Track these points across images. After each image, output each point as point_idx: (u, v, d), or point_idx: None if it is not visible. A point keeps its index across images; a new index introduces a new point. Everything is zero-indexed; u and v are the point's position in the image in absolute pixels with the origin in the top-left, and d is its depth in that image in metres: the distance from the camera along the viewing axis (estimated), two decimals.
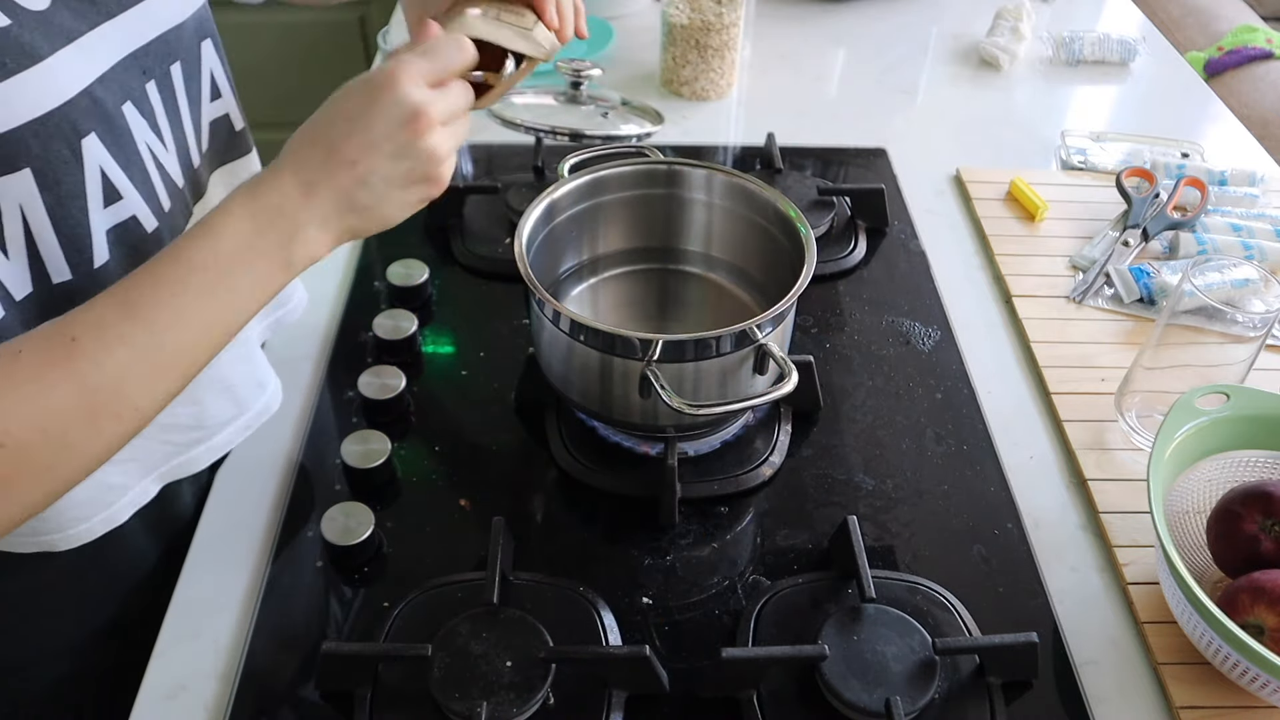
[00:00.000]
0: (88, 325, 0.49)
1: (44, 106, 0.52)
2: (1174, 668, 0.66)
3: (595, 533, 0.74)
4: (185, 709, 0.63)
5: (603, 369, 0.70)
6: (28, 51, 0.51)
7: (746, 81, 1.28)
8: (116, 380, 0.49)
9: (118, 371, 0.49)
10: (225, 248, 0.52)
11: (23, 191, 0.52)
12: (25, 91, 0.51)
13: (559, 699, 0.62)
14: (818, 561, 0.72)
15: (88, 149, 0.55)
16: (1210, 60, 1.98)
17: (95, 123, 0.55)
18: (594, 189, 0.81)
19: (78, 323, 0.49)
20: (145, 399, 0.51)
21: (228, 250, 0.52)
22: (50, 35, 0.52)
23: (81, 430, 0.49)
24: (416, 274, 0.91)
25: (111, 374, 0.49)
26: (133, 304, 0.50)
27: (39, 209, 0.54)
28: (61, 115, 0.53)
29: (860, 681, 0.62)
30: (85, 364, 0.48)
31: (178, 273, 0.52)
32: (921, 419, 0.83)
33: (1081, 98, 1.29)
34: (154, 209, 0.61)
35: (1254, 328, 0.73)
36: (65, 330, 0.49)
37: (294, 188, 0.54)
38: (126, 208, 0.59)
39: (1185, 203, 1.04)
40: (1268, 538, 0.66)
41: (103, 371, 0.49)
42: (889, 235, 1.02)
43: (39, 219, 0.54)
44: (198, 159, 0.66)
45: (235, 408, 0.73)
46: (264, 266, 0.54)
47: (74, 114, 0.53)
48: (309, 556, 0.71)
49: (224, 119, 0.69)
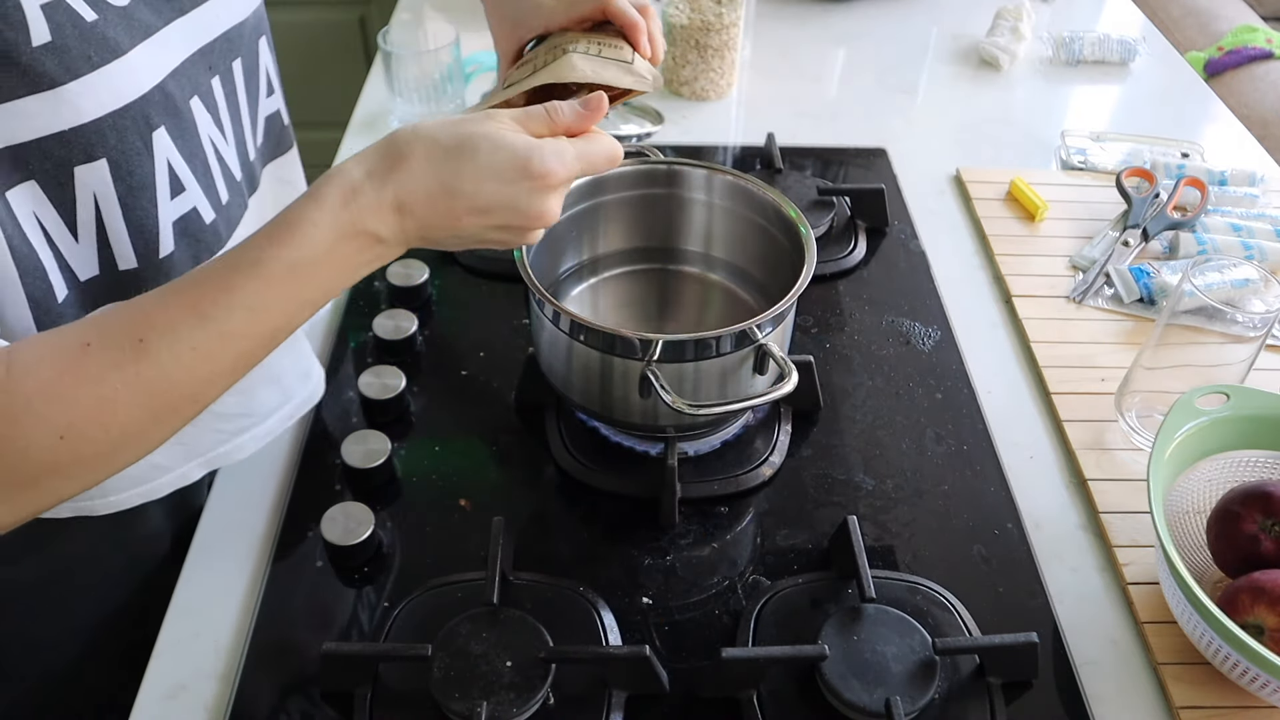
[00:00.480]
0: (158, 328, 0.49)
1: (123, 99, 0.53)
2: (1174, 668, 0.66)
3: (595, 533, 0.74)
4: (185, 709, 0.63)
5: (603, 369, 0.70)
6: (110, 46, 0.52)
7: (746, 81, 1.28)
8: (182, 383, 0.50)
9: (183, 375, 0.50)
10: (304, 260, 0.51)
11: (98, 181, 0.54)
12: (108, 84, 0.52)
13: (559, 699, 0.62)
14: (818, 561, 0.72)
15: (158, 141, 0.56)
16: (1210, 60, 1.98)
17: (166, 116, 0.56)
18: (594, 189, 0.81)
19: (149, 323, 0.49)
20: (206, 395, 0.52)
21: (306, 261, 0.51)
22: (131, 30, 0.54)
23: (142, 425, 0.50)
24: (416, 274, 0.91)
25: (179, 379, 0.50)
26: (205, 313, 0.49)
27: (112, 199, 0.55)
28: (137, 109, 0.54)
29: (860, 681, 0.62)
30: (154, 370, 0.49)
31: (254, 285, 0.50)
32: (921, 419, 0.83)
33: (1081, 98, 1.29)
34: (212, 201, 0.62)
35: (1254, 328, 0.73)
36: (134, 330, 0.49)
37: (391, 210, 0.52)
38: (189, 200, 0.60)
39: (1185, 203, 1.04)
40: (1268, 538, 0.66)
41: (170, 378, 0.49)
42: (889, 235, 1.02)
43: (111, 208, 0.55)
44: (253, 153, 0.68)
45: (282, 397, 0.74)
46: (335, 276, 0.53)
47: (148, 107, 0.55)
48: (309, 556, 0.71)
49: (276, 115, 0.71)
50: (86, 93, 0.51)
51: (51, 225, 0.54)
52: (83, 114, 0.51)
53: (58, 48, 0.50)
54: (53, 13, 0.49)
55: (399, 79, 1.10)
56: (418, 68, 1.09)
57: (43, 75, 0.49)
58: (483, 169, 0.53)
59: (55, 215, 0.54)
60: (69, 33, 0.50)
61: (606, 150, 0.58)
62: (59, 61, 0.50)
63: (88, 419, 0.48)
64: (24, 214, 0.52)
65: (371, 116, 1.20)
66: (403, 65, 1.09)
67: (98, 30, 0.52)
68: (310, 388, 0.77)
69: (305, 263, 0.51)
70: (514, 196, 0.54)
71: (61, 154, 0.52)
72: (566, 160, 0.55)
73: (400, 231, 0.53)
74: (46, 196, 0.53)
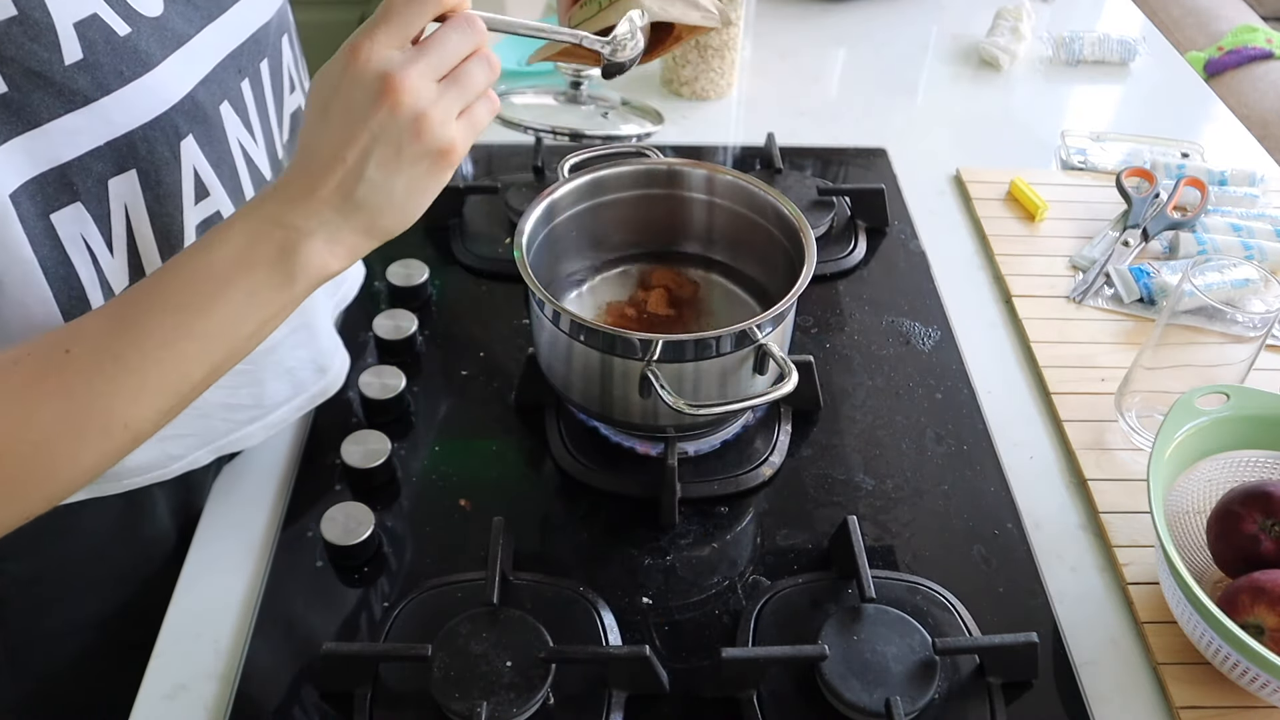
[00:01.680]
0: (83, 338, 0.48)
1: (154, 111, 0.53)
2: (1174, 668, 0.66)
3: (595, 533, 0.74)
4: (185, 709, 0.63)
5: (603, 369, 0.70)
6: (142, 59, 0.52)
7: (746, 81, 1.28)
8: (106, 396, 0.48)
9: (108, 388, 0.48)
10: (220, 260, 0.50)
11: (129, 191, 0.54)
12: (139, 97, 0.52)
13: (559, 699, 0.62)
14: (818, 561, 0.72)
15: (185, 150, 0.56)
16: (1210, 60, 1.98)
17: (194, 125, 0.56)
18: (594, 189, 0.81)
19: (75, 335, 0.49)
20: (136, 417, 0.50)
21: (222, 263, 0.49)
22: (163, 41, 0.54)
23: (69, 444, 0.48)
24: (416, 274, 0.91)
25: (101, 390, 0.48)
26: (127, 319, 0.49)
27: (141, 208, 0.55)
28: (167, 119, 0.54)
29: (860, 681, 0.62)
30: (76, 378, 0.47)
31: (173, 287, 0.50)
32: (921, 419, 0.83)
33: (1081, 98, 1.29)
34: (237, 204, 0.62)
35: (1254, 328, 0.73)
36: (62, 342, 0.48)
37: (292, 198, 0.50)
38: (213, 204, 0.60)
39: (1185, 203, 1.04)
40: (1268, 538, 0.66)
41: (92, 387, 0.48)
42: (889, 235, 1.02)
43: (140, 218, 0.55)
44: (281, 150, 0.68)
45: (292, 389, 0.74)
46: (262, 280, 0.50)
47: (177, 117, 0.55)
48: (309, 556, 0.71)
49: (299, 111, 0.71)
50: (118, 106, 0.51)
51: (96, 244, 0.54)
52: (116, 127, 0.52)
53: (90, 64, 0.50)
54: (85, 29, 0.50)
55: None
56: None
57: (77, 93, 0.49)
58: (314, 101, 0.50)
59: (98, 233, 0.54)
60: (101, 49, 0.50)
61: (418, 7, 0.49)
62: (91, 78, 0.50)
63: (11, 435, 0.47)
64: (70, 235, 0.52)
65: None
66: None
67: (130, 43, 0.52)
68: (325, 382, 0.77)
69: (220, 265, 0.49)
70: (347, 94, 0.48)
71: (99, 169, 0.52)
72: (365, 26, 0.49)
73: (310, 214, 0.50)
74: (90, 215, 0.53)
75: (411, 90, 0.48)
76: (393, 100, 0.48)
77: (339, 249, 0.51)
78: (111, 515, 0.69)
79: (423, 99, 0.49)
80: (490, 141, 1.13)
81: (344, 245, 0.51)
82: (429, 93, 0.49)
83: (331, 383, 0.78)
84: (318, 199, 0.50)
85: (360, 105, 0.48)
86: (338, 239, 0.51)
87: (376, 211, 0.51)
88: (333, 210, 0.50)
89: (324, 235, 0.50)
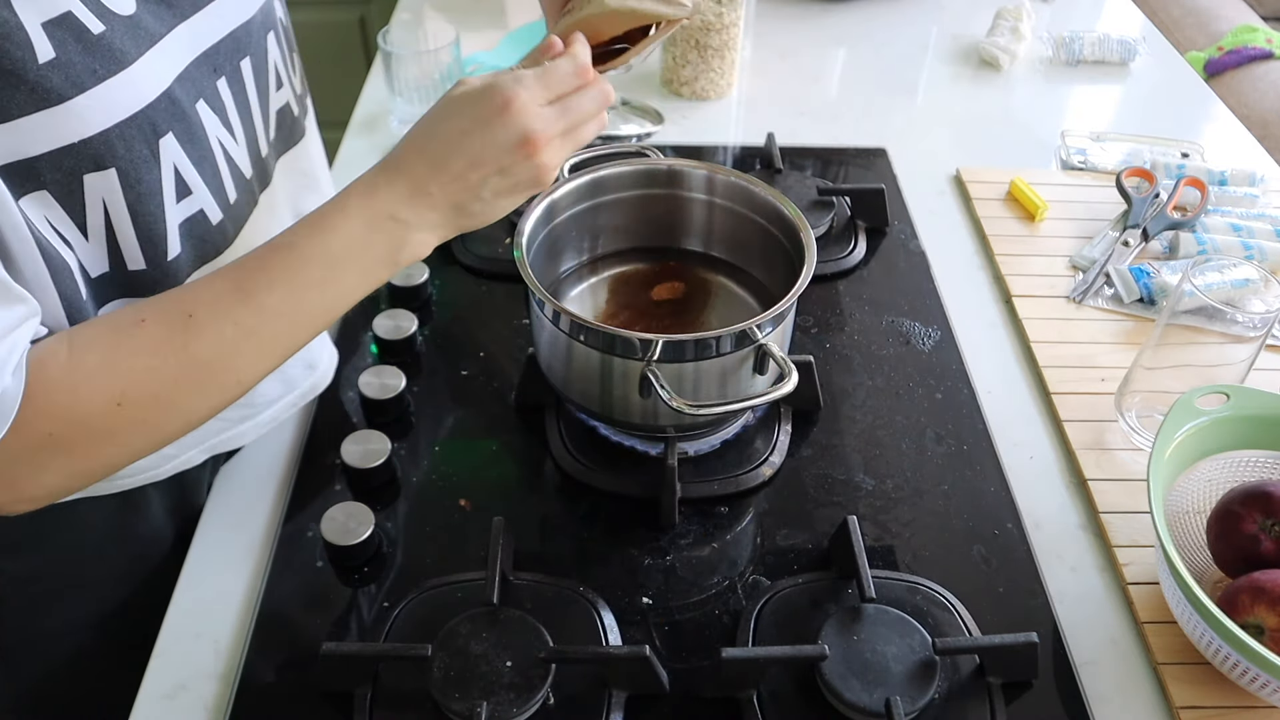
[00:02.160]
0: (204, 304, 0.54)
1: (130, 109, 0.54)
2: (1174, 668, 0.66)
3: (595, 533, 0.74)
4: (185, 709, 0.63)
5: (603, 369, 0.70)
6: (116, 58, 0.53)
7: (746, 81, 1.28)
8: (226, 356, 0.54)
9: (227, 349, 0.54)
10: (337, 245, 0.56)
11: (107, 189, 0.55)
12: (115, 96, 0.53)
13: (559, 699, 0.62)
14: (818, 561, 0.72)
15: (165, 148, 0.57)
16: (1210, 60, 1.98)
17: (173, 122, 0.57)
18: (594, 189, 0.81)
19: (196, 300, 0.54)
20: (249, 373, 0.56)
21: (339, 248, 0.56)
22: (137, 39, 0.54)
23: (189, 397, 0.55)
24: (416, 274, 0.91)
25: (222, 351, 0.54)
26: (246, 290, 0.54)
27: (121, 206, 0.56)
28: (144, 117, 0.55)
29: (860, 681, 0.62)
30: (199, 341, 0.53)
31: (290, 264, 0.55)
32: (921, 419, 0.83)
33: (1081, 98, 1.29)
34: (220, 202, 0.63)
35: (1254, 328, 0.73)
36: (184, 306, 0.54)
37: (408, 195, 0.56)
38: (195, 202, 0.61)
39: (1185, 203, 1.04)
40: (1268, 538, 0.66)
41: (214, 349, 0.54)
42: (889, 235, 1.02)
43: (120, 214, 0.56)
44: (265, 149, 0.69)
45: (283, 387, 0.75)
46: (371, 265, 0.57)
47: (154, 115, 0.56)
48: (309, 556, 0.71)
49: (286, 108, 0.71)
50: (93, 105, 0.52)
51: (64, 227, 0.55)
52: (90, 126, 0.52)
53: (62, 63, 0.50)
54: (55, 29, 0.50)
55: (399, 79, 1.10)
56: (418, 68, 1.09)
57: (50, 91, 0.50)
58: (453, 118, 0.57)
59: (66, 218, 0.54)
60: (72, 48, 0.51)
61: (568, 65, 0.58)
62: (65, 77, 0.50)
63: (140, 388, 0.52)
64: (36, 218, 0.53)
65: (371, 116, 1.20)
66: (403, 65, 1.09)
67: (104, 42, 0.52)
68: (314, 378, 0.78)
69: (338, 248, 0.56)
70: (490, 135, 0.56)
71: (70, 164, 0.52)
72: (526, 82, 0.57)
73: (422, 212, 0.57)
74: (57, 202, 0.53)
75: (548, 149, 0.57)
76: (530, 152, 0.57)
77: (433, 238, 0.59)
78: (106, 514, 0.70)
79: (548, 153, 0.58)
80: None
81: (437, 237, 0.59)
82: (556, 145, 0.58)
83: (320, 379, 0.78)
84: (434, 201, 0.57)
85: (501, 145, 0.56)
86: (437, 234, 0.59)
87: (473, 218, 0.59)
88: (443, 214, 0.58)
89: (429, 230, 0.58)
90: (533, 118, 0.56)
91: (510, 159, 0.57)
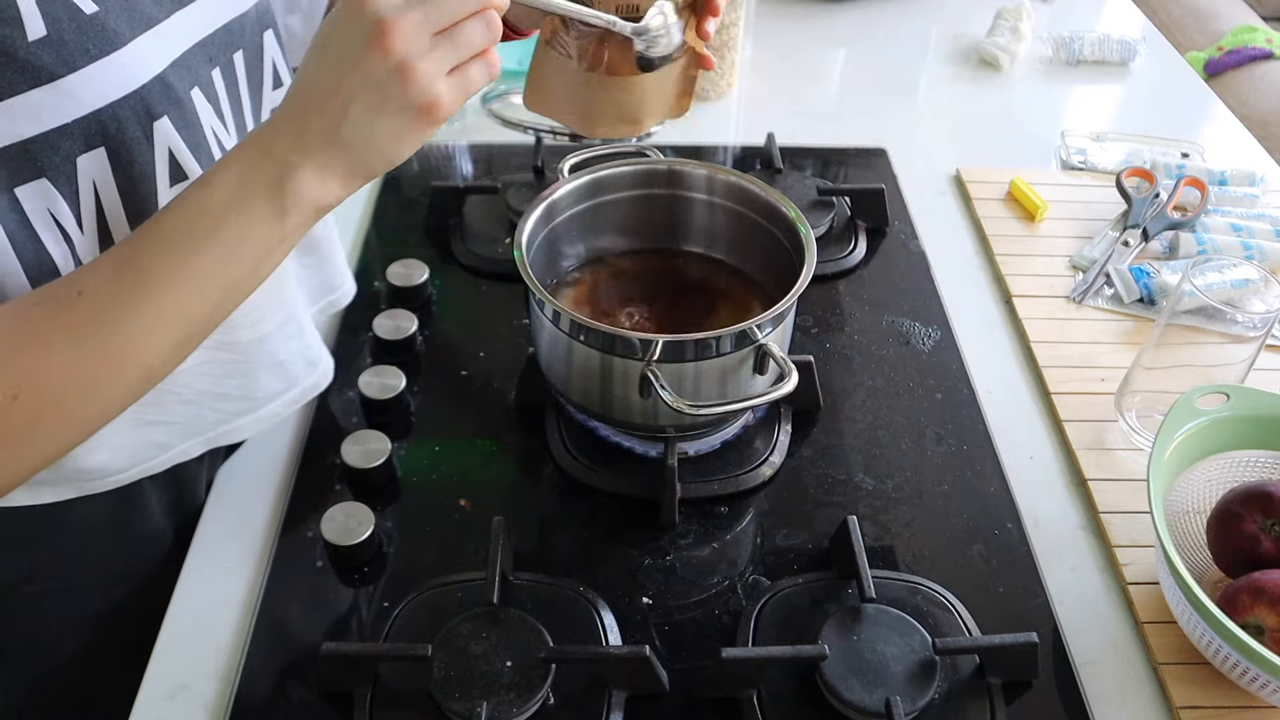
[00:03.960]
0: (93, 279, 0.50)
1: (123, 90, 0.53)
2: (1174, 668, 0.66)
3: (595, 533, 0.74)
4: (185, 709, 0.63)
5: (603, 369, 0.70)
6: (110, 38, 0.52)
7: (746, 81, 1.28)
8: (116, 337, 0.50)
9: (115, 328, 0.50)
10: (216, 198, 0.51)
11: (97, 169, 0.54)
12: (107, 75, 0.52)
13: (559, 699, 0.62)
14: (818, 561, 0.72)
15: (159, 131, 0.56)
16: (1210, 60, 1.98)
17: (168, 106, 0.56)
18: (594, 189, 0.81)
19: (86, 276, 0.51)
20: (153, 352, 0.52)
21: (219, 200, 0.51)
22: (132, 21, 0.54)
23: (86, 384, 0.51)
24: (416, 274, 0.91)
25: (111, 330, 0.50)
26: (131, 260, 0.51)
27: (111, 186, 0.55)
28: (137, 98, 0.54)
29: (860, 681, 0.62)
30: (87, 320, 0.50)
31: (173, 226, 0.51)
32: (921, 419, 0.83)
33: (1081, 98, 1.29)
34: None
35: (1254, 328, 0.73)
36: (76, 283, 0.50)
37: (283, 128, 0.51)
38: None
39: (1185, 203, 1.04)
40: (1268, 538, 0.66)
41: (101, 328, 0.50)
42: (889, 235, 1.02)
43: (111, 197, 0.55)
44: None
45: (285, 383, 0.74)
46: (258, 213, 0.51)
47: (149, 97, 0.55)
48: (309, 556, 0.71)
49: None
50: (85, 84, 0.51)
51: (66, 221, 0.54)
52: (83, 104, 0.52)
53: (54, 41, 0.50)
54: (49, 6, 0.50)
55: None
56: None
57: (41, 69, 0.49)
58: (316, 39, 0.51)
59: (67, 210, 0.54)
60: (65, 26, 0.50)
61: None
62: (56, 55, 0.50)
63: (32, 377, 0.49)
64: (36, 209, 0.53)
65: None
66: None
67: (97, 21, 0.52)
68: (315, 376, 0.77)
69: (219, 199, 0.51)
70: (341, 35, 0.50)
71: (67, 146, 0.52)
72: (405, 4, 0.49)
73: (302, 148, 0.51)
74: (58, 191, 0.53)
75: (403, 37, 0.49)
76: (384, 45, 0.48)
77: (330, 181, 0.52)
78: (103, 513, 0.69)
79: (413, 48, 0.49)
80: (490, 141, 1.13)
81: (334, 178, 0.52)
82: (420, 43, 0.49)
83: (321, 378, 0.77)
84: (307, 132, 0.51)
85: (354, 46, 0.49)
86: (327, 171, 0.52)
87: (361, 150, 0.52)
88: (320, 144, 0.51)
89: (312, 167, 0.51)
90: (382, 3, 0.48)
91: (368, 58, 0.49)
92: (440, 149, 1.13)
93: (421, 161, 1.11)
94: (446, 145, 1.13)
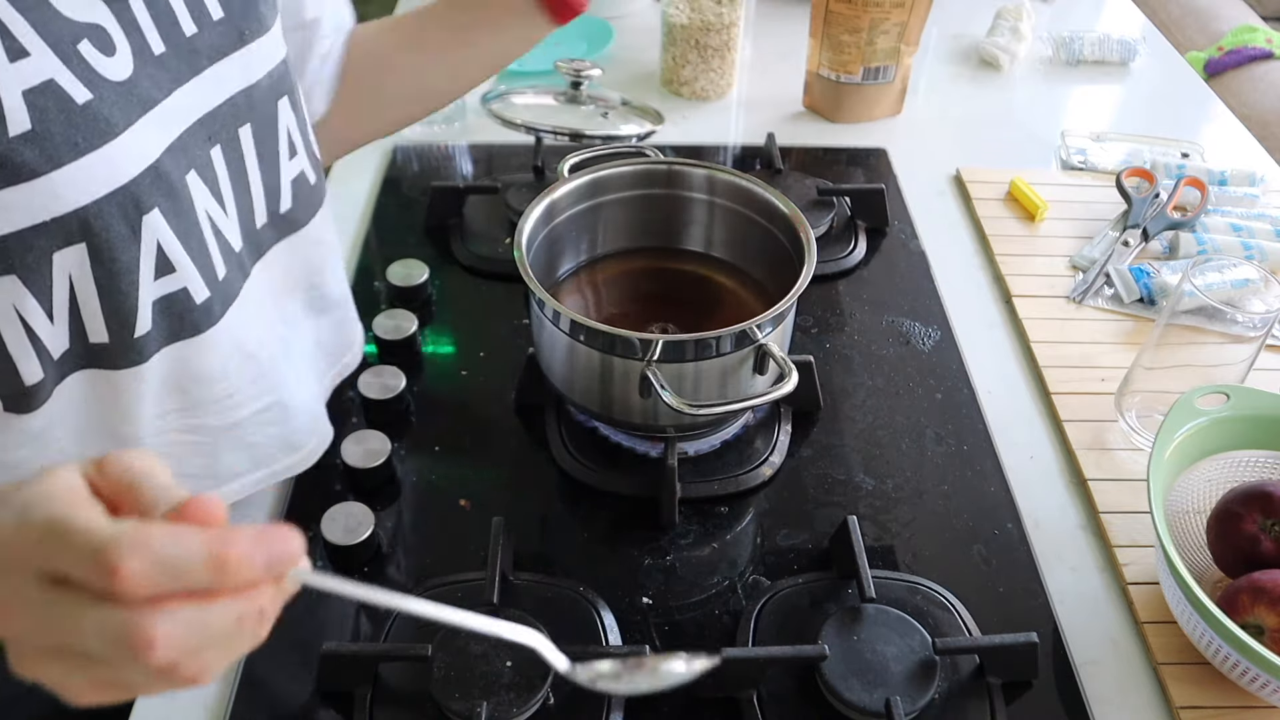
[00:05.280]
0: None
1: (110, 186, 0.50)
2: (1174, 668, 0.66)
3: (595, 533, 0.74)
4: (185, 709, 0.63)
5: (603, 369, 0.70)
6: (101, 129, 0.49)
7: (746, 81, 1.28)
8: None
9: None
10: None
11: (74, 264, 0.50)
12: (95, 170, 0.49)
13: (559, 699, 0.62)
14: (818, 561, 0.72)
15: (148, 224, 0.52)
16: (1210, 60, 1.98)
17: (159, 198, 0.53)
18: (594, 189, 0.81)
19: None
20: None
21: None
22: (128, 107, 0.51)
23: None
24: (416, 274, 0.91)
25: None
26: None
27: (88, 279, 0.52)
28: (126, 193, 0.51)
29: (860, 681, 0.62)
30: None
31: None
32: (921, 419, 0.83)
33: (1081, 98, 1.29)
34: (207, 279, 0.58)
35: (1254, 328, 0.73)
36: None
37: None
38: (178, 280, 0.56)
39: (1185, 203, 1.04)
40: (1268, 538, 0.66)
41: None
42: (889, 235, 1.02)
43: (86, 289, 0.52)
44: (261, 220, 0.64)
45: (252, 464, 0.70)
46: None
47: (139, 191, 0.51)
48: (309, 556, 0.71)
49: (301, 176, 0.67)
50: (70, 181, 0.48)
51: (31, 314, 0.51)
52: (65, 203, 0.48)
53: (39, 135, 0.46)
54: (37, 98, 0.46)
55: None
56: None
57: (21, 166, 0.46)
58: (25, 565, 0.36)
59: (35, 304, 0.50)
60: (53, 118, 0.47)
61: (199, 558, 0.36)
62: (39, 151, 0.46)
63: None
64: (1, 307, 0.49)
65: None
66: None
67: (90, 111, 0.48)
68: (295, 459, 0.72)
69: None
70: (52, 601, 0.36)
71: (42, 244, 0.48)
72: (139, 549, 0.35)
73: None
74: (27, 288, 0.49)
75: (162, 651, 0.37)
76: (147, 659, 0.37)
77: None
78: None
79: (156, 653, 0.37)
80: (490, 141, 1.13)
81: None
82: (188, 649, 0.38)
83: (304, 459, 0.73)
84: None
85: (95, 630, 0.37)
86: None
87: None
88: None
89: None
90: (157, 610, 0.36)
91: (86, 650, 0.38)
92: (440, 149, 1.13)
93: (421, 161, 1.11)
94: (446, 145, 1.13)
